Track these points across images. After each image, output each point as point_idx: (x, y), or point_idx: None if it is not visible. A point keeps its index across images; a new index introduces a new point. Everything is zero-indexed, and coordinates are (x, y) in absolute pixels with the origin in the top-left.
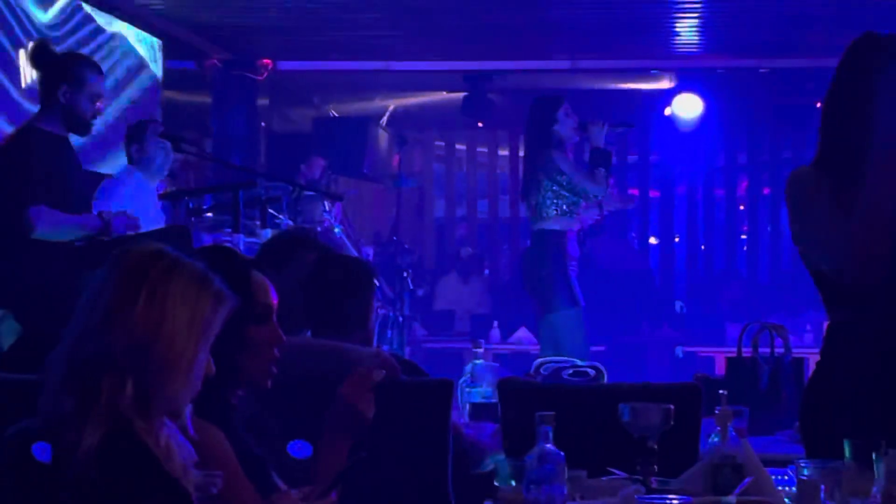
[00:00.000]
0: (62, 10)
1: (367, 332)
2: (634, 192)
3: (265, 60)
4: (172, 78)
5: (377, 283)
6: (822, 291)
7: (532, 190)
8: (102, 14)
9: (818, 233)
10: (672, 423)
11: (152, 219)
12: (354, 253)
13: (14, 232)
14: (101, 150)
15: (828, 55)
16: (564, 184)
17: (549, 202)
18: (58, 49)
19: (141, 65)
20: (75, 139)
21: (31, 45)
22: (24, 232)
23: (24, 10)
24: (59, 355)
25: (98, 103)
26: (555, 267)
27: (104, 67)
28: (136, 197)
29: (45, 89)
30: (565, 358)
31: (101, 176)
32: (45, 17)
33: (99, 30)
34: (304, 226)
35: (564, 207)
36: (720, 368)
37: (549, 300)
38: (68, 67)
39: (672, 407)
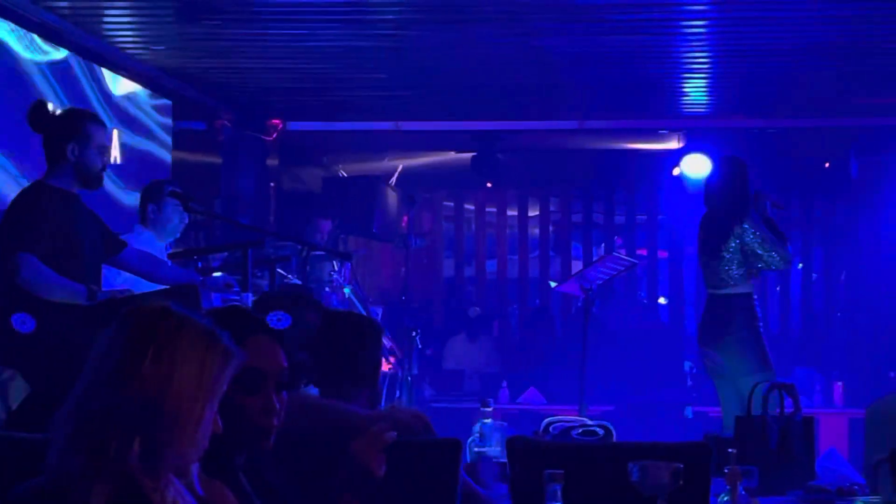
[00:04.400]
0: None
1: (375, 389)
2: (643, 251)
3: (275, 121)
4: (182, 138)
5: (385, 341)
6: None
7: (718, 252)
8: (114, 74)
9: None
10: (681, 482)
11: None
12: (364, 312)
13: (20, 290)
14: None
15: (835, 115)
16: (757, 246)
17: (737, 265)
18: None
19: (150, 125)
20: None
21: (30, 106)
22: (9, 277)
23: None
24: (67, 413)
25: (105, 155)
26: (748, 331)
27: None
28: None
29: (52, 148)
30: (575, 417)
31: None
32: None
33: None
34: (297, 284)
35: (750, 270)
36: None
37: (740, 365)
38: (73, 125)
39: (681, 466)
